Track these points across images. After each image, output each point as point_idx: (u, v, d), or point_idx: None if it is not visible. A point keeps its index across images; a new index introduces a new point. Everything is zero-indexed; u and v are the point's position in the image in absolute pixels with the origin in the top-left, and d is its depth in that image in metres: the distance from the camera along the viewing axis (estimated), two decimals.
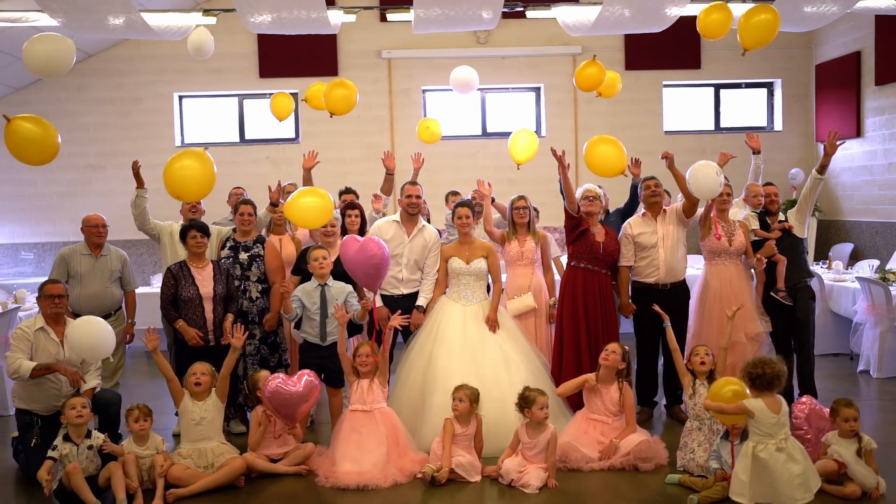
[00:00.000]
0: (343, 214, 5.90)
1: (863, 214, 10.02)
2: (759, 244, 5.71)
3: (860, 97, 9.93)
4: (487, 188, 5.86)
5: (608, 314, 5.51)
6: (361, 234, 5.69)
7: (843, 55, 10.22)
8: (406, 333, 5.57)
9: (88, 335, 4.58)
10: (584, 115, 10.87)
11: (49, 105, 10.22)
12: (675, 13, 6.60)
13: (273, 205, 5.83)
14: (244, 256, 5.62)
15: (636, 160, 6.17)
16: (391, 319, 4.95)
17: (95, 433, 4.52)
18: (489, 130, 11.03)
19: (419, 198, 5.71)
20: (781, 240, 5.75)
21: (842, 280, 7.42)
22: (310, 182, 6.26)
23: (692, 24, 6.09)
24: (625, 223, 5.76)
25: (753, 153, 6.35)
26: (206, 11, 7.72)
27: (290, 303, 5.11)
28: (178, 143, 10.74)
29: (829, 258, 8.56)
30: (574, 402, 5.21)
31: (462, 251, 5.51)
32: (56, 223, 10.58)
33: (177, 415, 5.02)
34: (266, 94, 8.77)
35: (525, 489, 4.34)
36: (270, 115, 7.78)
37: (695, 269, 6.50)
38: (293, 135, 10.90)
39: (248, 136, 10.97)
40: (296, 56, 10.36)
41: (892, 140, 9.40)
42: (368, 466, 4.53)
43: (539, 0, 7.84)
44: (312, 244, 5.54)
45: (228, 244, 5.70)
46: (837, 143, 5.60)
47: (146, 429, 4.57)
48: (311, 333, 5.15)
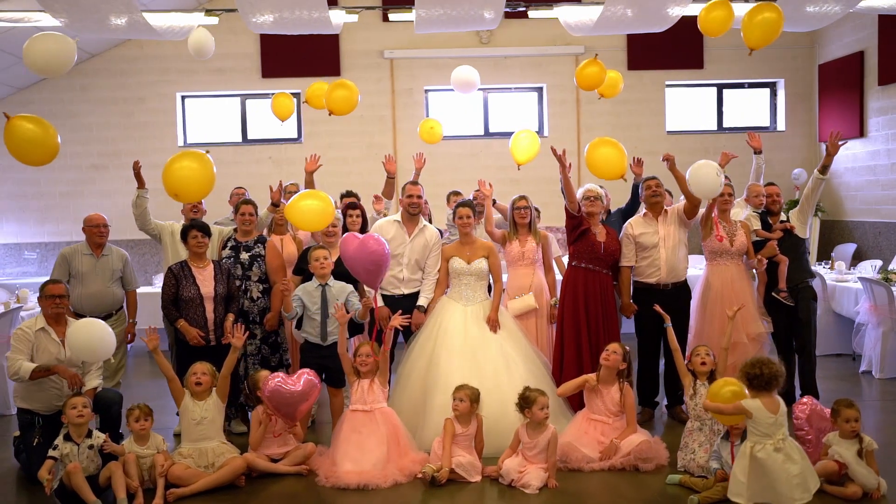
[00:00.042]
0: (344, 214, 5.91)
1: (866, 215, 10.00)
2: (761, 244, 5.70)
3: (863, 97, 9.91)
4: (488, 189, 5.86)
5: (609, 314, 5.50)
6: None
7: (847, 55, 10.19)
8: (407, 333, 5.57)
9: (88, 338, 4.57)
10: (587, 116, 10.85)
11: (52, 105, 10.24)
12: (677, 13, 6.60)
13: (274, 205, 5.83)
14: (245, 256, 5.63)
15: (638, 160, 6.16)
16: (392, 319, 4.94)
17: (96, 433, 4.52)
18: (491, 130, 11.02)
19: (420, 198, 5.72)
20: (783, 240, 5.74)
21: (844, 280, 7.39)
22: (311, 185, 6.28)
23: (694, 24, 6.08)
24: (626, 223, 5.75)
25: (755, 153, 6.35)
26: (209, 11, 7.74)
27: (291, 301, 5.12)
28: (181, 143, 10.76)
29: (832, 258, 8.53)
30: (575, 403, 5.21)
31: (463, 251, 5.51)
32: (59, 223, 10.60)
33: (177, 414, 5.02)
34: (268, 94, 8.76)
35: (525, 489, 4.34)
36: (273, 116, 7.80)
37: (696, 270, 6.49)
38: (296, 135, 10.91)
39: (251, 136, 10.98)
40: (298, 56, 10.36)
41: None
42: (369, 466, 4.53)
43: (541, 0, 7.84)
44: (314, 244, 5.55)
45: (229, 244, 5.71)
46: (839, 144, 5.60)
47: (147, 428, 4.58)
48: (312, 333, 5.15)
